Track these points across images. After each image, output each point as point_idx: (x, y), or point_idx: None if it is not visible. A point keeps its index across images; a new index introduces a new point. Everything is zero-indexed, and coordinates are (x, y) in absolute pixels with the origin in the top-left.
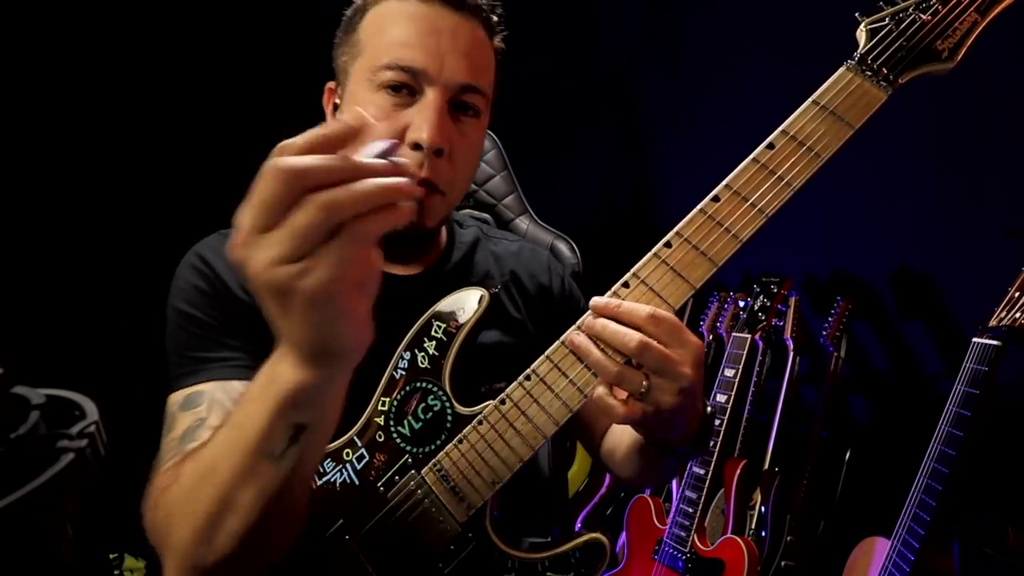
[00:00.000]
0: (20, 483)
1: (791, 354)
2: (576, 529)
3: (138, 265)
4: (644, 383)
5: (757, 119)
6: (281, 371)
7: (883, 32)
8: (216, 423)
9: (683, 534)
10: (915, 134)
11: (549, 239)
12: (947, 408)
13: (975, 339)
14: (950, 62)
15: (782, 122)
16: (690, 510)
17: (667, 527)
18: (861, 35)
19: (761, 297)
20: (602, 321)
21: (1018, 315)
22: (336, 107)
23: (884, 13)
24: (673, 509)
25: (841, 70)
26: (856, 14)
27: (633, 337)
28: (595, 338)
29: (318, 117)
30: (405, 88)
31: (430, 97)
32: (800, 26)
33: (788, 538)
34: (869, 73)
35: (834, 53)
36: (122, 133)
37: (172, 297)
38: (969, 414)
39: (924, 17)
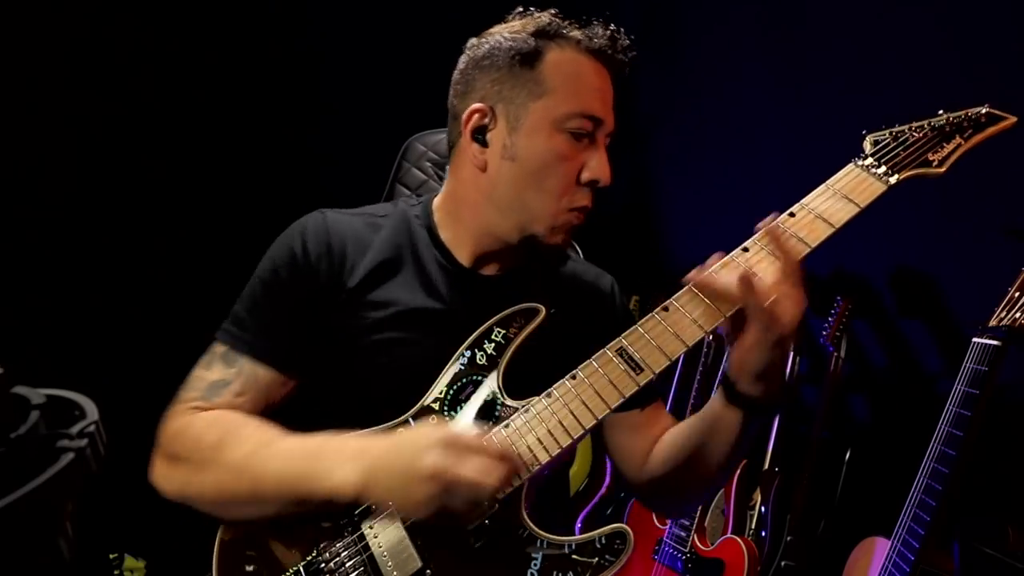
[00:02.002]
0: (20, 483)
1: (791, 354)
2: (576, 529)
3: (138, 265)
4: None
5: (754, 117)
6: (341, 486)
7: (883, 143)
8: (238, 390)
9: (683, 534)
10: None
11: None
12: (947, 408)
13: (975, 339)
14: (940, 169)
15: (778, 122)
16: None
17: (667, 527)
18: (867, 144)
19: None
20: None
21: (1018, 315)
22: (484, 129)
23: (885, 131)
24: None
25: (849, 166)
26: (863, 131)
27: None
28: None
29: (315, 118)
30: (587, 134)
31: (601, 143)
32: (796, 23)
33: (788, 538)
34: (872, 170)
35: (832, 53)
36: (123, 134)
37: (267, 255)
38: (969, 414)
39: (916, 135)
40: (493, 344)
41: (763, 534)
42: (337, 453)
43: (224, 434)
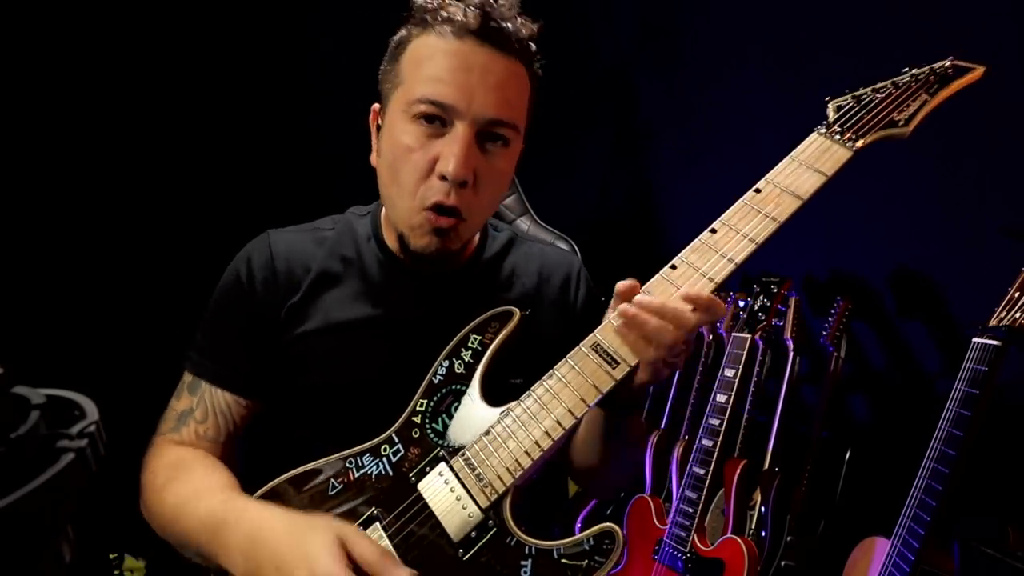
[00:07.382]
0: (20, 483)
1: (791, 354)
2: (576, 530)
3: (138, 265)
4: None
5: (753, 119)
6: (231, 570)
7: (846, 107)
8: (199, 418)
9: (683, 534)
10: (914, 133)
11: (550, 239)
12: (947, 408)
13: (975, 339)
14: (906, 129)
15: (778, 123)
16: (690, 510)
17: (667, 527)
18: (830, 110)
19: (761, 297)
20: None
21: (1018, 315)
22: (379, 127)
23: (847, 95)
24: (673, 509)
25: (813, 135)
26: (826, 98)
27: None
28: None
29: (315, 121)
30: (437, 120)
31: (458, 131)
32: (796, 27)
33: (788, 538)
34: (837, 136)
35: (831, 55)
36: (122, 134)
37: (222, 280)
38: (969, 414)
39: (879, 96)
40: (470, 352)
41: (763, 534)
42: (231, 536)
43: (170, 476)
